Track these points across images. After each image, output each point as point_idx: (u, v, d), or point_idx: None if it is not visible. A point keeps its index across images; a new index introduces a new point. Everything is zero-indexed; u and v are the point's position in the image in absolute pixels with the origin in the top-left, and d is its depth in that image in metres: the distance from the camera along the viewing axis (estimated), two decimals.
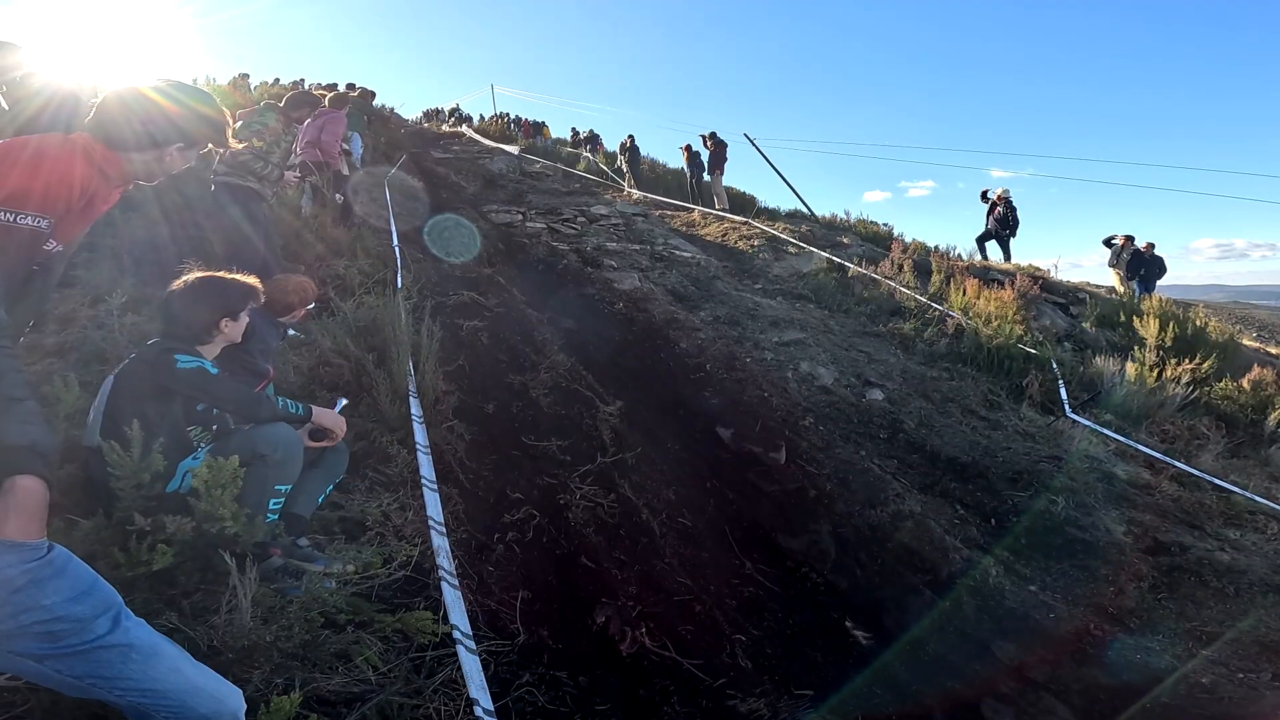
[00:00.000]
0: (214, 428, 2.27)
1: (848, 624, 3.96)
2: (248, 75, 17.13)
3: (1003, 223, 11.54)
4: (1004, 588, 4.17)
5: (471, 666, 1.93)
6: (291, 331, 4.26)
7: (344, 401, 2.73)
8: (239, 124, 4.73)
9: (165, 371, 2.13)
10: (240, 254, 4.27)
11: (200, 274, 2.39)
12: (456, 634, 2.05)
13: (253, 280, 2.47)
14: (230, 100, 11.96)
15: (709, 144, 13.61)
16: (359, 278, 4.78)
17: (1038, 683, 3.53)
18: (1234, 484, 5.57)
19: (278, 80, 18.90)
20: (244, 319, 2.42)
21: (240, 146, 4.54)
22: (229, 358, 2.51)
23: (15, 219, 1.61)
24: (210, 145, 1.93)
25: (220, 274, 2.43)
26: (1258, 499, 5.29)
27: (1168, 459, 5.39)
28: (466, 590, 2.52)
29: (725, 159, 13.70)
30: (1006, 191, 11.61)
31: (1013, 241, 11.79)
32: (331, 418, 2.38)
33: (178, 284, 2.34)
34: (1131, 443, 5.47)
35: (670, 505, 3.93)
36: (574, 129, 22.16)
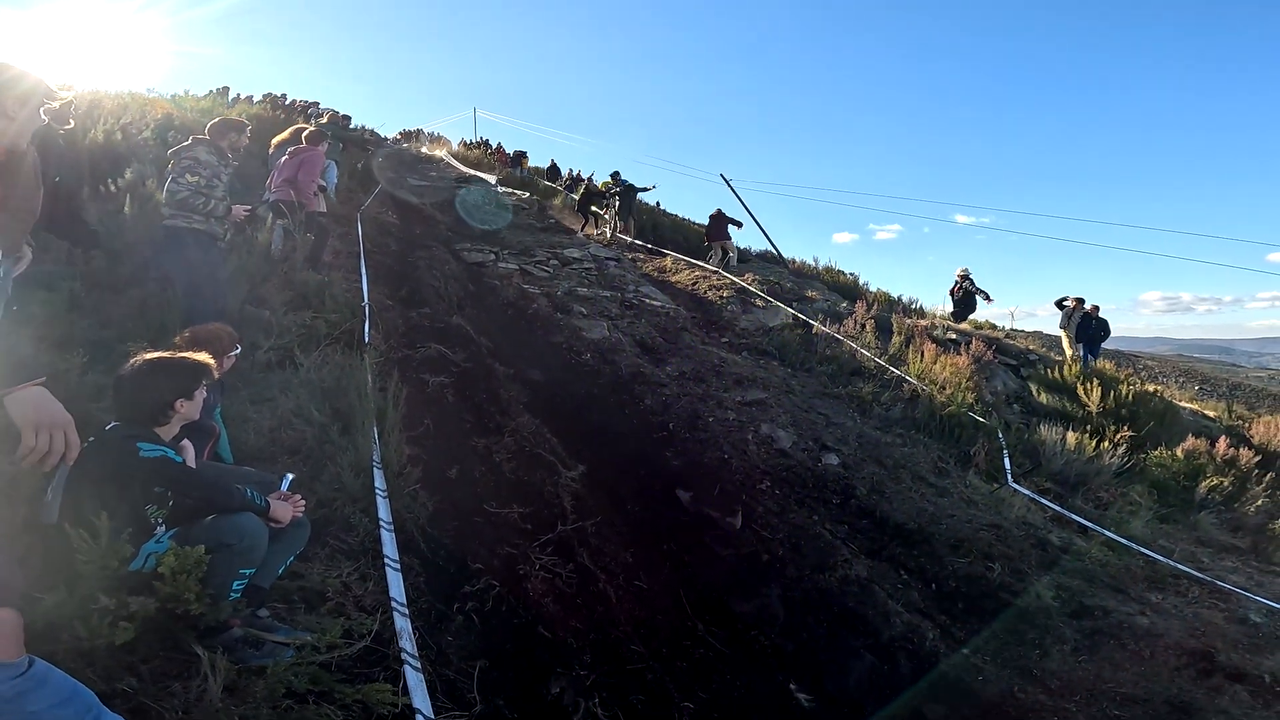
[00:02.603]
0: (170, 504, 2.27)
1: (791, 686, 4.09)
2: (228, 88, 16.91)
3: (962, 304, 12.40)
4: (939, 651, 4.36)
5: None
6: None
7: (290, 477, 2.71)
8: (170, 164, 4.58)
9: (128, 459, 2.13)
10: (195, 302, 4.22)
11: (150, 356, 2.34)
12: (419, 717, 2.14)
13: (203, 357, 2.46)
14: (208, 114, 11.84)
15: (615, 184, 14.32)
16: (325, 328, 4.79)
17: None
18: (1160, 550, 5.89)
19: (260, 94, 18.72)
20: (199, 396, 2.39)
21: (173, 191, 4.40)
22: None
23: None
24: (39, 87, 1.78)
25: (170, 355, 2.40)
26: (1179, 565, 5.61)
27: (1098, 527, 5.70)
28: (425, 661, 2.60)
29: (632, 207, 14.32)
30: (964, 271, 12.50)
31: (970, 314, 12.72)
32: (284, 511, 2.38)
33: (128, 367, 2.29)
34: (1066, 511, 5.77)
35: (627, 568, 4.04)
36: (553, 161, 22.51)
